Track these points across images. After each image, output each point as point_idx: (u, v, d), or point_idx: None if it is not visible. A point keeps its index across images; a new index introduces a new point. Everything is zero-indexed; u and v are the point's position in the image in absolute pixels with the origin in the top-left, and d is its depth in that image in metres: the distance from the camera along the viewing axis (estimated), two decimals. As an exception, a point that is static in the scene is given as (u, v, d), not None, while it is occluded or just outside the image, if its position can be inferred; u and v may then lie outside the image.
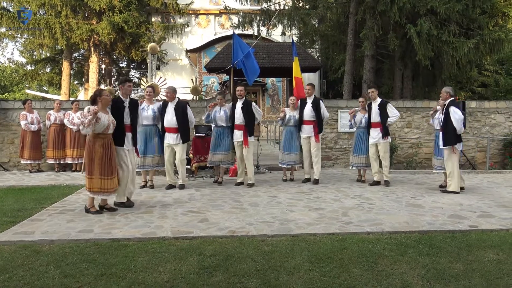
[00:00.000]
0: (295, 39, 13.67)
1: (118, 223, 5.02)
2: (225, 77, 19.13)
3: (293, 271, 3.57)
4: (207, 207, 5.98)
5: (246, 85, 13.13)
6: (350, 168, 9.19)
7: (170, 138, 7.37)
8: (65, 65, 21.08)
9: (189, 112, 7.50)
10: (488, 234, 4.72)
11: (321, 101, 8.36)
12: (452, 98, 7.20)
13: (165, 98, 7.70)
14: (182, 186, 7.55)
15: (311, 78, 21.35)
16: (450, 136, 7.05)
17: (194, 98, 10.95)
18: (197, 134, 9.29)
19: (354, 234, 4.64)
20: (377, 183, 8.01)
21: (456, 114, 6.96)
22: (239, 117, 7.75)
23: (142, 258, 3.85)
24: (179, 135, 7.34)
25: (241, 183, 7.94)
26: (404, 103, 11.38)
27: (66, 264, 3.68)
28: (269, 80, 23.12)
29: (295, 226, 4.93)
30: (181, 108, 7.38)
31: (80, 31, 18.65)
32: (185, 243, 4.29)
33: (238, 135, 7.77)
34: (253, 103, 8.02)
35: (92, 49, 20.61)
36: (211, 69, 13.10)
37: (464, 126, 7.32)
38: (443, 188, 7.47)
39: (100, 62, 22.24)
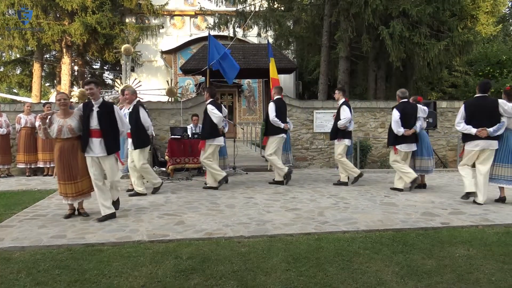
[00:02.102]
0: (270, 40, 13.72)
1: (92, 228, 4.92)
2: (201, 78, 19.05)
3: (270, 271, 3.58)
4: (183, 209, 5.93)
5: (224, 86, 13.13)
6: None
7: (128, 144, 7.00)
8: (36, 67, 20.56)
9: (143, 114, 6.79)
10: (459, 230, 4.85)
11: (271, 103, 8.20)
12: (402, 100, 7.36)
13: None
14: (136, 194, 7.03)
15: (286, 79, 21.49)
16: (390, 137, 7.37)
17: (170, 100, 10.85)
18: (172, 136, 9.22)
19: (330, 234, 4.69)
20: (342, 183, 8.03)
21: (393, 116, 7.22)
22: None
23: (117, 262, 3.79)
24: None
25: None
26: (377, 103, 11.58)
27: (38, 271, 3.58)
28: (245, 82, 23.14)
29: (272, 226, 4.95)
30: (135, 111, 6.80)
31: (52, 32, 18.23)
32: (161, 247, 4.24)
33: None
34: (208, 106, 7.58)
35: (64, 50, 20.17)
36: (187, 70, 13.00)
37: (435, 126, 7.56)
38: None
39: (73, 64, 21.79)
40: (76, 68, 22.50)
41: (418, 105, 7.51)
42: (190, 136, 9.21)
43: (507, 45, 18.23)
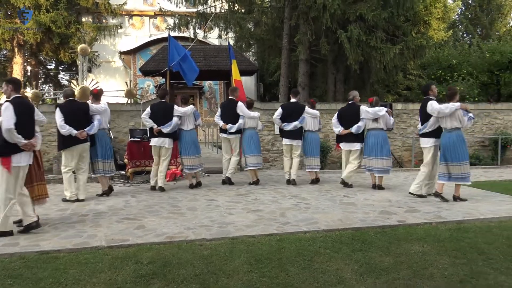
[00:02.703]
0: (231, 42, 13.72)
1: (47, 234, 4.73)
2: (161, 80, 18.76)
3: (232, 273, 3.58)
4: (143, 213, 5.82)
5: (184, 87, 13.01)
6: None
7: None
8: (-15, 67, 19.59)
9: (56, 116, 6.59)
10: (414, 228, 5.04)
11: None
12: (349, 102, 8.14)
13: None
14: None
15: (247, 81, 21.55)
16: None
17: (129, 102, 10.62)
18: (132, 139, 9.02)
19: (292, 234, 4.74)
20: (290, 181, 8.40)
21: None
22: None
23: (74, 270, 3.66)
24: None
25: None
26: (337, 105, 11.81)
27: (-12, 281, 3.41)
28: (206, 83, 23.00)
29: (234, 228, 4.95)
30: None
31: (2, 30, 17.41)
32: (121, 252, 4.14)
33: None
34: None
35: (16, 49, 19.31)
36: (147, 71, 12.77)
37: (392, 127, 7.86)
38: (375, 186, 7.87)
39: (26, 64, 20.88)
40: (29, 68, 21.58)
41: (362, 107, 7.83)
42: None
43: (457, 50, 19.12)
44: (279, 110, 8.36)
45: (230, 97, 8.40)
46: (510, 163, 12.13)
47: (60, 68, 25.71)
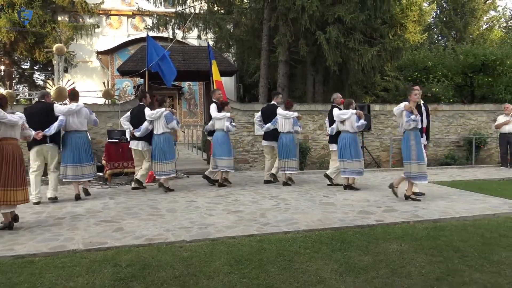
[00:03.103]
0: (211, 43, 13.65)
1: (22, 238, 4.62)
2: (139, 80, 18.55)
3: (212, 275, 3.57)
4: (122, 215, 5.74)
5: (164, 88, 12.90)
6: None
7: None
8: (-43, 66, 18.98)
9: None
10: (392, 227, 5.13)
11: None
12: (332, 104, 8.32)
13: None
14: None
15: (227, 82, 21.50)
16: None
17: (107, 102, 10.46)
18: (110, 140, 8.89)
19: (272, 235, 4.75)
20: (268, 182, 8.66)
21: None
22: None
23: (50, 274, 3.58)
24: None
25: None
26: (316, 106, 11.94)
27: (-40, 287, 3.31)
28: (186, 84, 22.86)
29: (214, 230, 4.93)
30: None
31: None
32: (99, 255, 4.07)
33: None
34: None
35: (-12, 48, 18.81)
36: (125, 72, 12.58)
37: (370, 128, 8.08)
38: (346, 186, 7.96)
39: (-1, 63, 20.34)
40: (2, 67, 21.00)
41: (335, 109, 7.92)
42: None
43: (432, 52, 19.48)
44: (258, 113, 8.71)
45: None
46: (484, 163, 12.47)
47: (35, 67, 25.05)
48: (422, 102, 7.17)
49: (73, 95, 7.23)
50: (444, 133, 12.56)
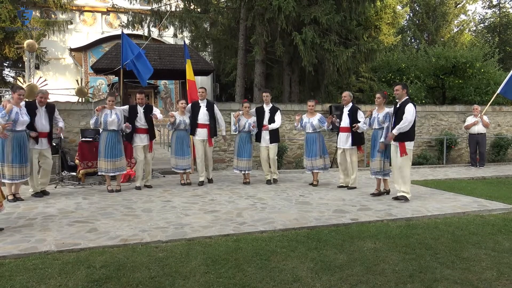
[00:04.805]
0: (187, 41, 13.56)
1: (-9, 240, 4.48)
2: (114, 78, 18.24)
3: (188, 275, 3.55)
4: (96, 215, 5.64)
5: (139, 86, 12.71)
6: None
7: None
8: None
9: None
10: (367, 225, 5.22)
11: (215, 104, 8.53)
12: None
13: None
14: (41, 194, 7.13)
15: (204, 81, 21.41)
16: None
17: (80, 100, 10.23)
18: (83, 139, 8.71)
19: (248, 234, 4.76)
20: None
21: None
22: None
23: (21, 276, 3.49)
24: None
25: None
26: (292, 106, 12.01)
27: None
28: (161, 83, 22.64)
29: (191, 229, 4.90)
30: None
31: None
32: (72, 256, 3.99)
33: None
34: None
35: (-46, 44, 18.14)
36: (99, 69, 12.34)
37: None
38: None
39: (-35, 59, 19.65)
40: (-31, 64, 20.31)
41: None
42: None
43: (406, 54, 19.90)
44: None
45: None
46: (455, 162, 12.82)
47: (5, 64, 24.32)
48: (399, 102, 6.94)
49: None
50: (417, 133, 12.82)
